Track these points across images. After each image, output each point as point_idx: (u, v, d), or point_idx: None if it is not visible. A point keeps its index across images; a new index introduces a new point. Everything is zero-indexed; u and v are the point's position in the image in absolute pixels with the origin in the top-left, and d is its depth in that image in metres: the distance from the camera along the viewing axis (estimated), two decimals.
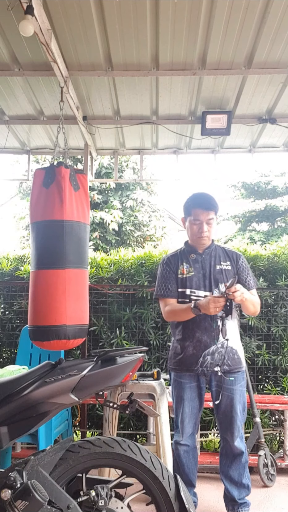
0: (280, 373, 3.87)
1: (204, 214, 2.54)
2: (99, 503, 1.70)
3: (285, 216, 16.86)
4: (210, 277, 2.56)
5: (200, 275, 2.57)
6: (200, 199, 2.60)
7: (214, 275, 2.56)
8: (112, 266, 4.14)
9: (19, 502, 1.52)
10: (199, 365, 2.51)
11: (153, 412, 2.01)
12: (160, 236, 13.27)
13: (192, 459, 2.65)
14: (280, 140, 4.40)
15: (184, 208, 2.66)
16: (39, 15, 2.51)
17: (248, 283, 2.60)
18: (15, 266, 4.24)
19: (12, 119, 4.07)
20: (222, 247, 2.70)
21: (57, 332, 2.77)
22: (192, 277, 2.57)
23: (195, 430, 2.67)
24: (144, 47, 3.08)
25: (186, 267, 2.59)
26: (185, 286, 2.57)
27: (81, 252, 2.93)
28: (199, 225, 2.55)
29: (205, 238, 2.56)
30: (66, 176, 2.90)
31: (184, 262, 2.62)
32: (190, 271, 2.58)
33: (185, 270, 2.58)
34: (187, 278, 2.57)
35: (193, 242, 2.63)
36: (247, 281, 2.61)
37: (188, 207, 2.61)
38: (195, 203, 2.58)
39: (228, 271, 2.58)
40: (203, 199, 2.59)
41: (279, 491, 3.14)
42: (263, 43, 3.04)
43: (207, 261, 2.59)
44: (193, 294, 2.54)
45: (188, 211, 2.61)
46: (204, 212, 2.53)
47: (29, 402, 1.71)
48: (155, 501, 1.79)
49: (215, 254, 2.62)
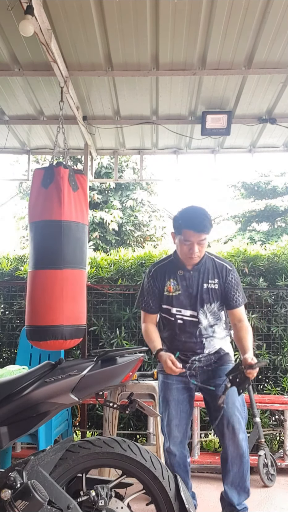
0: (280, 373, 3.87)
1: (195, 236, 2.32)
2: (99, 503, 1.70)
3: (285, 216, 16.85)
4: (196, 296, 2.42)
5: (186, 294, 2.43)
6: (192, 219, 2.34)
7: (201, 294, 2.42)
8: (112, 266, 4.14)
9: (19, 502, 1.51)
10: (187, 368, 2.43)
11: (153, 412, 2.00)
12: (160, 236, 13.27)
13: (183, 468, 2.43)
14: (280, 140, 4.40)
15: (174, 224, 2.43)
16: (39, 15, 2.51)
17: (235, 300, 2.44)
18: (15, 266, 4.24)
19: (12, 119, 4.07)
20: (212, 259, 2.49)
21: (54, 332, 2.77)
22: (179, 296, 2.42)
23: (185, 437, 2.45)
24: (144, 47, 3.08)
25: (173, 285, 2.43)
26: (171, 304, 2.45)
27: (78, 253, 2.93)
28: (189, 245, 2.34)
29: (195, 258, 2.39)
30: (65, 176, 2.90)
31: (171, 278, 2.45)
32: (177, 289, 2.42)
33: (172, 288, 2.43)
34: (174, 297, 2.43)
35: (183, 259, 2.44)
36: (234, 298, 2.44)
37: (179, 226, 2.37)
38: (187, 223, 2.33)
39: (214, 291, 2.43)
40: (196, 220, 2.33)
41: (279, 491, 3.14)
42: (263, 43, 3.04)
43: (194, 279, 2.42)
44: (179, 313, 2.44)
45: (179, 230, 2.38)
46: (195, 234, 2.32)
47: (29, 402, 1.70)
48: (155, 501, 1.79)
49: (204, 269, 2.44)
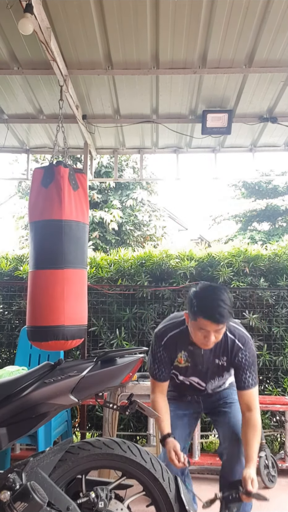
0: (281, 373, 3.86)
1: (213, 326, 2.01)
2: (99, 504, 1.69)
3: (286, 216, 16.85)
4: (207, 372, 2.25)
5: (196, 369, 2.25)
6: (209, 308, 2.00)
7: (211, 370, 2.24)
8: (112, 266, 4.13)
9: (18, 503, 1.51)
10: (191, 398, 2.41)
11: (153, 413, 1.99)
12: (160, 236, 13.26)
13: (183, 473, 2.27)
14: (281, 139, 4.39)
15: (188, 306, 2.12)
16: (38, 13, 2.49)
17: (244, 381, 2.15)
18: (14, 266, 4.23)
19: (11, 118, 4.05)
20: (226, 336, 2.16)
21: (56, 333, 2.75)
22: (187, 368, 2.26)
23: (185, 450, 2.30)
24: (144, 45, 3.07)
25: (184, 357, 2.24)
26: (180, 373, 2.30)
27: (79, 252, 2.92)
28: (205, 333, 2.05)
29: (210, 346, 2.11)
30: (65, 175, 2.88)
31: (182, 350, 2.23)
32: (187, 361, 2.24)
33: (183, 360, 2.25)
34: (183, 368, 2.27)
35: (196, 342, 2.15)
36: (243, 379, 2.15)
37: (195, 313, 2.04)
38: (203, 312, 2.01)
39: (224, 367, 2.23)
40: (213, 310, 1.99)
41: (280, 492, 3.13)
42: (264, 42, 3.03)
43: (206, 356, 2.21)
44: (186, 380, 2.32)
45: (194, 316, 2.05)
46: (213, 325, 2.01)
47: (28, 403, 1.69)
48: (155, 502, 1.78)
49: (215, 347, 2.16)
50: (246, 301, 3.95)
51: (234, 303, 3.92)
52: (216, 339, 2.07)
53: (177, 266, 4.02)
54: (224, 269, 3.94)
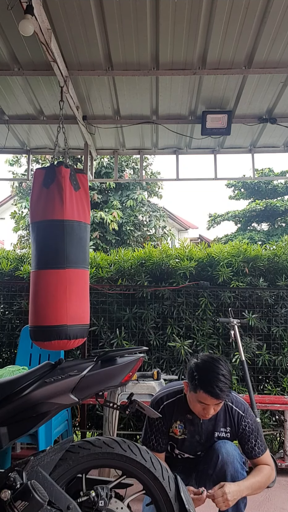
0: (280, 373, 3.87)
1: (213, 401, 2.01)
2: (99, 503, 1.70)
3: (286, 216, 16.87)
4: (204, 445, 2.17)
5: (193, 440, 2.18)
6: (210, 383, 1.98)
7: (210, 443, 2.16)
8: (112, 266, 4.14)
9: (19, 502, 1.51)
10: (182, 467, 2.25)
11: (153, 412, 1.99)
12: (160, 236, 13.26)
13: None
14: (281, 139, 4.40)
15: (188, 377, 2.10)
16: (39, 15, 2.50)
17: (254, 449, 2.11)
18: (14, 266, 4.24)
19: (12, 119, 4.07)
20: (225, 406, 2.14)
21: (58, 332, 2.76)
22: (184, 440, 2.19)
23: None
24: (144, 46, 3.08)
25: (179, 428, 2.19)
26: (175, 445, 2.24)
27: (81, 252, 2.92)
28: (204, 406, 2.05)
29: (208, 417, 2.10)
30: (66, 175, 2.89)
31: (178, 420, 2.18)
32: (183, 432, 2.17)
33: (178, 431, 2.19)
34: (179, 440, 2.20)
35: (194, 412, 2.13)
36: (256, 448, 2.11)
37: (196, 386, 2.03)
38: (204, 387, 1.99)
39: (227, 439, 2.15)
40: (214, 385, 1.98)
41: (279, 491, 3.14)
42: (263, 43, 3.04)
43: (204, 426, 2.15)
44: (181, 455, 2.25)
45: (194, 388, 2.04)
46: (213, 399, 2.01)
47: (29, 403, 1.70)
48: (155, 501, 1.78)
49: (215, 417, 2.13)
50: (245, 301, 3.96)
51: (234, 303, 3.94)
52: (214, 411, 2.07)
53: (177, 266, 4.03)
54: (224, 269, 3.94)
